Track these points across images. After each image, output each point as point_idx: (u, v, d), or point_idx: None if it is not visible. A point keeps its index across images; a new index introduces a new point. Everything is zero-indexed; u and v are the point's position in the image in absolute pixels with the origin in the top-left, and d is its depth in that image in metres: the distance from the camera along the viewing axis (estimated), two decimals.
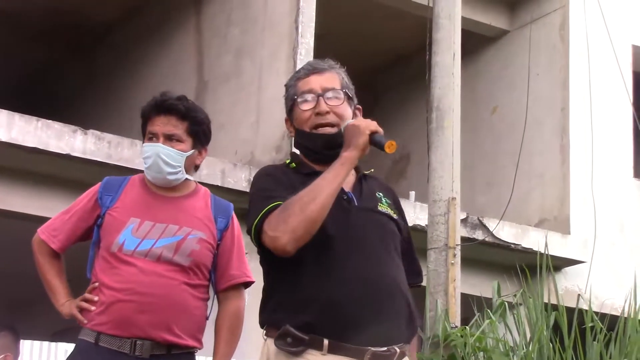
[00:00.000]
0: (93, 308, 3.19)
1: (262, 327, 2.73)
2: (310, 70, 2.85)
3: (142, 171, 3.38)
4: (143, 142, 3.37)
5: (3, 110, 7.23)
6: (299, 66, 8.19)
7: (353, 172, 2.84)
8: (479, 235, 8.94)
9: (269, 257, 2.69)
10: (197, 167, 3.44)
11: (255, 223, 2.63)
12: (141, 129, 3.40)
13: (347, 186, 2.79)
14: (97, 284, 3.22)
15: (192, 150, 3.33)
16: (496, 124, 10.74)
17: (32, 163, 7.38)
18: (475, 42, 10.66)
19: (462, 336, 5.55)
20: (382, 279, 2.68)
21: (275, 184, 2.71)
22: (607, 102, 10.28)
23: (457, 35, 6.48)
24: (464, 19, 7.03)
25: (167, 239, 3.21)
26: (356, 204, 2.77)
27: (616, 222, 10.32)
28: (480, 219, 9.14)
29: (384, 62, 11.72)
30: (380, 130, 2.72)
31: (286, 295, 2.65)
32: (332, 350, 2.59)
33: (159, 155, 3.26)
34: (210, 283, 3.32)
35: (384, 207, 2.83)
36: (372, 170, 2.96)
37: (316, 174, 2.72)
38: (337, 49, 9.70)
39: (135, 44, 10.81)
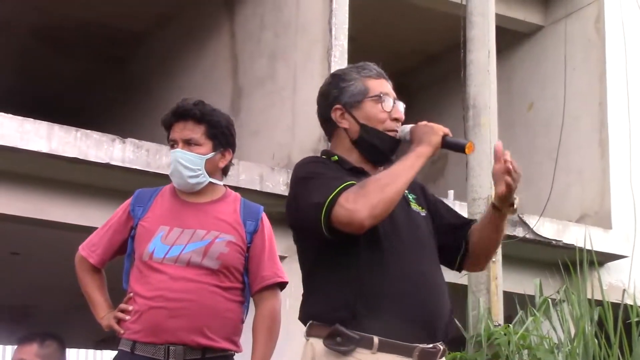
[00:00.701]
0: (128, 317, 3.25)
1: (304, 322, 2.70)
2: (379, 73, 2.88)
3: None
4: None
5: (43, 122, 7.30)
6: (333, 68, 8.19)
7: None
8: (519, 232, 8.87)
9: (323, 247, 2.64)
10: (225, 171, 3.45)
11: (331, 197, 2.57)
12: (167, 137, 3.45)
13: None
14: (132, 294, 3.28)
15: (213, 153, 3.36)
16: (533, 120, 10.67)
17: (72, 173, 7.44)
18: (510, 38, 10.60)
19: (505, 334, 5.52)
20: (430, 276, 2.69)
21: (329, 170, 2.70)
22: None
23: (492, 32, 6.46)
24: (497, 16, 7.00)
25: (195, 244, 3.25)
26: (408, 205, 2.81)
27: None
28: (520, 215, 9.08)
29: (416, 62, 11.69)
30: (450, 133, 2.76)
31: (336, 289, 2.62)
32: (381, 348, 2.58)
33: (177, 161, 3.32)
34: (244, 286, 3.32)
35: (414, 206, 2.84)
36: None
37: (357, 170, 2.73)
38: (370, 50, 9.70)
39: (169, 52, 10.88)
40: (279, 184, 7.93)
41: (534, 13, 10.70)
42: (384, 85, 2.85)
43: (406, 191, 2.80)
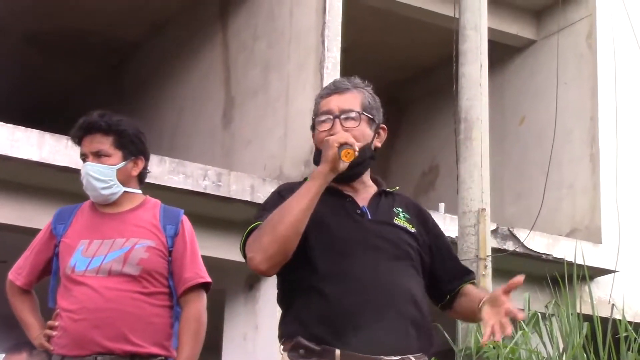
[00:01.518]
0: (55, 333, 3.28)
1: (280, 340, 2.74)
2: (332, 90, 2.86)
3: (170, 188, 3.44)
4: None
5: (34, 130, 7.29)
6: (326, 80, 8.20)
7: (373, 187, 2.86)
8: (509, 246, 8.88)
9: (281, 271, 2.71)
10: (141, 179, 3.47)
11: (241, 243, 2.71)
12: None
13: (364, 202, 2.80)
14: (58, 310, 3.32)
15: (123, 162, 3.38)
16: (524, 134, 10.69)
17: (62, 182, 7.42)
18: (502, 52, 10.63)
19: (494, 348, 5.52)
20: (393, 287, 2.68)
21: (279, 201, 2.71)
22: (636, 110, 10.20)
23: (484, 46, 6.48)
24: (490, 30, 7.02)
25: (114, 253, 3.28)
26: (369, 217, 2.78)
27: None
28: (511, 229, 9.09)
29: (409, 74, 11.71)
30: (352, 141, 2.68)
31: (300, 306, 2.67)
32: None
33: (88, 174, 3.38)
34: (171, 290, 3.34)
35: (400, 221, 2.82)
36: (397, 188, 2.96)
37: (330, 191, 2.73)
38: (363, 62, 9.71)
39: (162, 60, 10.88)
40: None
41: (526, 27, 10.74)
42: (329, 103, 2.80)
43: (398, 209, 2.81)
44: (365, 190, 2.85)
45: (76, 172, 7.37)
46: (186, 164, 7.60)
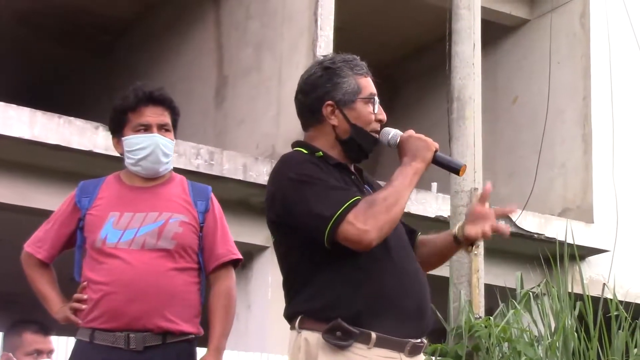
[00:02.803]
0: (84, 306, 3.20)
1: (293, 318, 2.68)
2: (367, 70, 2.85)
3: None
4: (121, 135, 3.33)
5: (25, 108, 7.26)
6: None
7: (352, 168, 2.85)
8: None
9: (312, 247, 2.64)
10: None
11: (340, 212, 2.58)
12: (115, 121, 3.36)
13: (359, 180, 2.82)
14: (85, 283, 3.23)
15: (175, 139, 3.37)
16: (517, 113, 10.70)
17: (54, 160, 7.41)
18: (495, 31, 10.61)
19: (486, 327, 5.54)
20: (418, 274, 2.73)
21: (324, 174, 2.69)
22: (629, 90, 10.21)
23: (477, 25, 6.46)
24: (483, 9, 7.00)
25: (148, 226, 3.22)
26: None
27: None
28: None
29: (403, 53, 11.69)
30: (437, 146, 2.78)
31: (331, 287, 2.62)
32: (378, 343, 2.59)
33: (158, 146, 3.28)
34: (200, 267, 3.31)
35: None
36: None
37: (341, 166, 2.73)
38: (356, 41, 9.69)
39: (154, 40, 10.84)
40: (263, 174, 7.93)
41: (519, 7, 10.72)
42: (371, 85, 2.82)
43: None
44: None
45: (69, 150, 7.41)
46: (179, 143, 7.58)
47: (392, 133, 2.80)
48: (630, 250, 9.82)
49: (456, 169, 2.77)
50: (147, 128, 3.29)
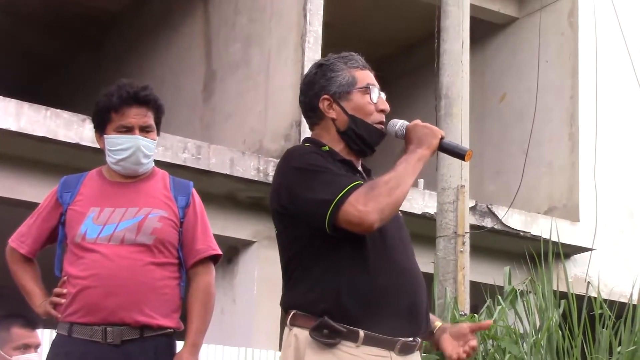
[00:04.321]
0: (63, 301, 3.22)
1: (286, 309, 2.69)
2: (364, 64, 2.87)
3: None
4: (103, 132, 3.33)
5: (12, 99, 7.23)
6: (307, 54, 8.17)
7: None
8: (487, 223, 8.93)
9: (312, 238, 2.64)
10: None
11: (341, 195, 2.58)
12: (98, 118, 3.36)
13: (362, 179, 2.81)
14: (65, 277, 3.25)
15: (157, 138, 3.37)
16: (505, 111, 10.72)
17: (41, 152, 7.38)
18: (484, 29, 10.63)
19: None
20: (414, 273, 2.71)
21: (330, 164, 2.69)
22: (615, 90, 10.25)
23: (466, 22, 6.47)
24: (472, 6, 7.01)
25: (128, 221, 3.23)
26: None
27: (625, 209, 10.30)
28: (489, 206, 9.13)
29: (391, 50, 11.70)
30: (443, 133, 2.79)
31: (323, 280, 2.62)
32: (366, 341, 2.58)
33: (140, 148, 3.28)
34: (180, 262, 3.32)
35: None
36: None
37: (346, 161, 2.73)
38: (344, 37, 9.68)
39: (142, 33, 10.81)
40: (250, 168, 7.92)
41: (508, 5, 10.74)
42: (370, 76, 2.83)
43: None
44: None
45: (55, 142, 7.38)
46: (166, 137, 7.57)
47: (399, 124, 2.80)
48: (615, 249, 9.87)
49: (462, 155, 2.77)
50: (129, 130, 3.29)
